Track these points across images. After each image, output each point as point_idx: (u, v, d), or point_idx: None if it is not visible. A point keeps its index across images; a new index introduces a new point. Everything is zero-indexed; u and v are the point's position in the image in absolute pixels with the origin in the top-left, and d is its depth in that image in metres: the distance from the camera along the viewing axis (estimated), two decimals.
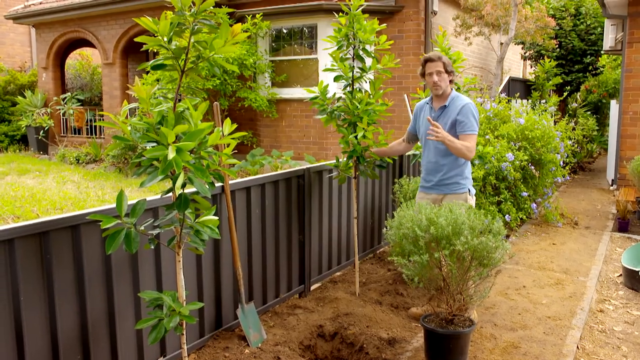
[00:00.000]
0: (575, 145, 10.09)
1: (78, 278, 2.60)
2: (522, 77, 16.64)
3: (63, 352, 2.55)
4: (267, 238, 3.88)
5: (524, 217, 6.46)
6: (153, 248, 2.93)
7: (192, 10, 2.30)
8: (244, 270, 3.68)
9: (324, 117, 4.12)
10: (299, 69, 9.93)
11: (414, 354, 3.37)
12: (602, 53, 12.29)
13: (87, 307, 2.64)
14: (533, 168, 6.40)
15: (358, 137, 3.97)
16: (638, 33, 8.37)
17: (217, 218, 2.45)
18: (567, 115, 11.87)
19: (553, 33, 12.00)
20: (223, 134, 2.52)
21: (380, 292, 4.36)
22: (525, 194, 6.24)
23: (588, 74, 12.99)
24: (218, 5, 8.55)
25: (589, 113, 12.20)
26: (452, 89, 3.74)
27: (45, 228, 2.43)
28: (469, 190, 3.77)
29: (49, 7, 12.79)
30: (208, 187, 2.32)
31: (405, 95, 7.35)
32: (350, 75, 4.07)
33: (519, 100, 8.33)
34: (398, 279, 4.51)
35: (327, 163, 4.44)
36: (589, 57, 12.72)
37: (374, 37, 4.03)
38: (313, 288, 4.50)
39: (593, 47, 12.57)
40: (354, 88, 4.10)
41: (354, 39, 4.00)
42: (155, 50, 2.87)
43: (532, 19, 10.50)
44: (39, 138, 13.40)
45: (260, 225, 3.82)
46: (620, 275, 4.91)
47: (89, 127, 13.38)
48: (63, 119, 13.72)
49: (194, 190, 2.53)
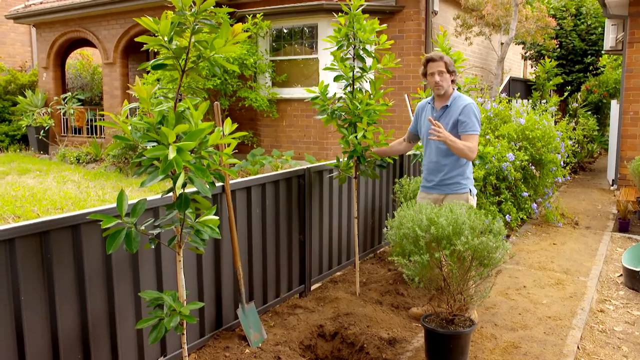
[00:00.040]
0: (576, 145, 10.09)
1: (78, 278, 2.60)
2: (522, 77, 16.63)
3: (63, 351, 2.55)
4: (267, 238, 3.88)
5: (525, 217, 6.46)
6: (153, 248, 2.93)
7: (192, 10, 2.30)
8: (245, 270, 3.68)
9: (325, 117, 4.11)
10: (300, 69, 9.93)
11: (415, 354, 3.37)
12: (602, 53, 12.29)
13: (87, 306, 2.64)
14: (533, 168, 6.40)
15: (358, 137, 3.96)
16: (639, 33, 8.36)
17: (217, 218, 2.45)
18: (567, 115, 11.87)
19: (554, 33, 12.00)
20: (223, 134, 2.52)
21: (381, 292, 4.36)
22: (526, 194, 6.24)
23: (589, 74, 12.99)
24: (218, 5, 8.56)
25: (590, 113, 12.19)
26: (454, 89, 3.73)
27: (46, 228, 2.43)
28: (470, 191, 3.76)
29: (50, 6, 12.79)
30: (208, 186, 2.32)
31: (406, 95, 7.36)
32: (351, 75, 4.07)
33: (520, 100, 8.33)
34: (398, 279, 4.52)
35: (327, 163, 4.44)
36: (590, 57, 12.72)
37: (374, 36, 4.03)
38: (313, 288, 4.50)
39: (594, 47, 12.56)
40: (355, 88, 4.10)
41: (354, 39, 3.99)
42: (156, 50, 2.87)
43: (532, 19, 10.50)
44: (40, 138, 13.41)
45: (261, 225, 3.82)
46: (621, 275, 4.91)
47: (90, 126, 13.39)
48: (63, 119, 13.73)
49: (195, 190, 2.53)
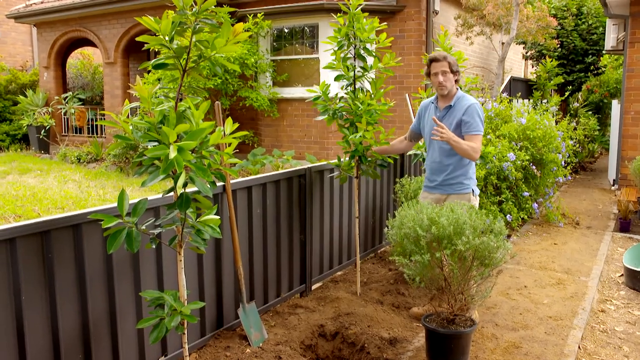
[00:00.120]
0: (577, 145, 10.08)
1: (79, 277, 2.60)
2: (523, 76, 16.62)
3: (64, 351, 2.55)
4: (268, 237, 3.87)
5: (526, 217, 6.46)
6: (154, 247, 2.93)
7: (193, 10, 2.30)
8: (245, 270, 3.68)
9: (326, 117, 4.10)
10: (300, 69, 9.92)
11: (415, 354, 3.37)
12: (603, 53, 12.27)
13: (88, 306, 2.64)
14: (534, 168, 6.39)
15: (358, 137, 3.96)
16: None
17: (218, 217, 2.45)
18: (568, 115, 11.85)
19: (554, 33, 11.99)
20: (224, 134, 2.52)
21: (382, 291, 4.35)
22: (527, 194, 6.24)
23: (589, 74, 12.98)
24: (219, 5, 8.55)
25: (591, 113, 12.19)
26: (457, 89, 3.72)
27: (47, 227, 2.43)
28: (473, 191, 3.75)
29: (50, 6, 12.79)
30: (209, 186, 2.32)
31: (407, 95, 7.35)
32: (351, 75, 4.07)
33: (521, 100, 8.33)
34: (399, 279, 4.51)
35: (328, 162, 4.44)
36: (591, 56, 12.70)
37: (374, 35, 4.02)
38: (314, 287, 4.50)
39: (595, 46, 12.55)
40: (356, 87, 4.09)
41: (354, 38, 3.99)
42: (157, 50, 2.87)
43: (533, 19, 10.49)
44: (40, 137, 13.41)
45: (262, 225, 3.82)
46: (622, 275, 4.91)
47: (90, 126, 13.39)
48: (64, 118, 13.73)
49: (196, 190, 2.53)
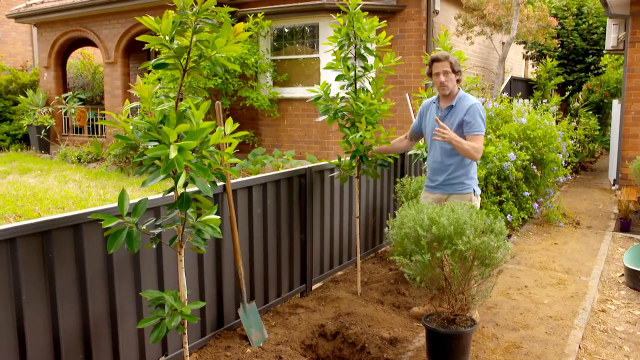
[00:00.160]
0: (577, 145, 10.08)
1: (80, 277, 2.60)
2: (523, 76, 16.62)
3: (65, 351, 2.55)
4: (268, 237, 3.87)
5: (526, 216, 6.45)
6: (155, 247, 2.93)
7: (194, 10, 2.30)
8: (246, 270, 3.68)
9: (327, 117, 4.10)
10: (301, 68, 9.92)
11: (416, 354, 3.37)
12: (604, 52, 12.27)
13: (89, 306, 2.64)
14: (535, 168, 6.39)
15: (358, 136, 3.95)
16: None
17: (218, 217, 2.45)
18: (569, 115, 11.85)
19: (555, 32, 11.98)
20: (225, 133, 2.51)
21: (382, 291, 4.35)
22: (527, 194, 6.24)
23: (590, 74, 12.97)
24: (220, 5, 8.55)
25: (591, 113, 12.18)
26: (459, 89, 3.72)
27: (47, 227, 2.43)
28: (474, 191, 3.74)
29: (51, 6, 12.79)
30: (210, 186, 2.32)
31: (407, 95, 7.35)
32: (352, 75, 4.06)
33: (521, 100, 8.32)
34: (400, 279, 4.51)
35: (329, 162, 4.44)
36: (591, 56, 12.70)
37: (374, 34, 4.02)
38: (315, 287, 4.50)
39: (595, 46, 12.54)
40: (357, 87, 4.09)
41: (355, 38, 3.99)
42: (157, 50, 2.87)
43: (534, 19, 10.49)
44: (41, 137, 13.41)
45: (262, 225, 3.81)
46: (622, 275, 4.90)
47: (91, 126, 13.39)
48: (65, 118, 13.74)
49: (196, 190, 2.53)
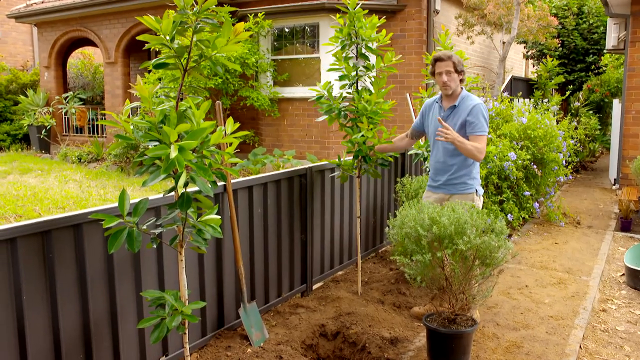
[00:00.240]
0: (578, 145, 10.08)
1: (80, 277, 2.60)
2: (524, 76, 16.61)
3: (65, 351, 2.55)
4: (269, 237, 3.87)
5: (527, 216, 6.45)
6: (155, 247, 2.93)
7: (194, 9, 2.30)
8: (246, 270, 3.68)
9: (329, 117, 4.09)
10: (301, 68, 9.92)
11: (417, 354, 3.37)
12: (604, 52, 12.26)
13: (89, 306, 2.64)
14: (535, 167, 6.39)
15: (360, 136, 3.95)
16: None
17: (219, 217, 2.45)
18: (569, 115, 11.86)
19: (555, 32, 11.98)
20: (225, 133, 2.51)
21: (383, 291, 4.35)
22: (528, 193, 6.23)
23: (590, 73, 12.97)
24: (220, 4, 8.53)
25: (592, 112, 12.19)
26: (462, 89, 3.71)
27: (48, 227, 2.43)
28: (477, 191, 3.74)
29: (51, 6, 12.79)
30: (210, 186, 2.32)
31: (408, 94, 7.34)
32: (354, 74, 4.05)
33: (522, 100, 8.32)
34: (400, 279, 4.51)
35: (329, 162, 4.43)
36: (592, 56, 12.69)
37: (375, 33, 4.01)
38: (315, 287, 4.50)
39: (595, 46, 12.54)
40: (359, 87, 4.08)
41: (356, 37, 3.98)
42: (158, 49, 2.86)
43: (534, 18, 10.48)
44: (41, 137, 13.42)
45: (263, 225, 3.81)
46: (623, 275, 4.90)
47: (91, 126, 13.40)
48: (65, 118, 13.74)
49: (196, 189, 2.53)
